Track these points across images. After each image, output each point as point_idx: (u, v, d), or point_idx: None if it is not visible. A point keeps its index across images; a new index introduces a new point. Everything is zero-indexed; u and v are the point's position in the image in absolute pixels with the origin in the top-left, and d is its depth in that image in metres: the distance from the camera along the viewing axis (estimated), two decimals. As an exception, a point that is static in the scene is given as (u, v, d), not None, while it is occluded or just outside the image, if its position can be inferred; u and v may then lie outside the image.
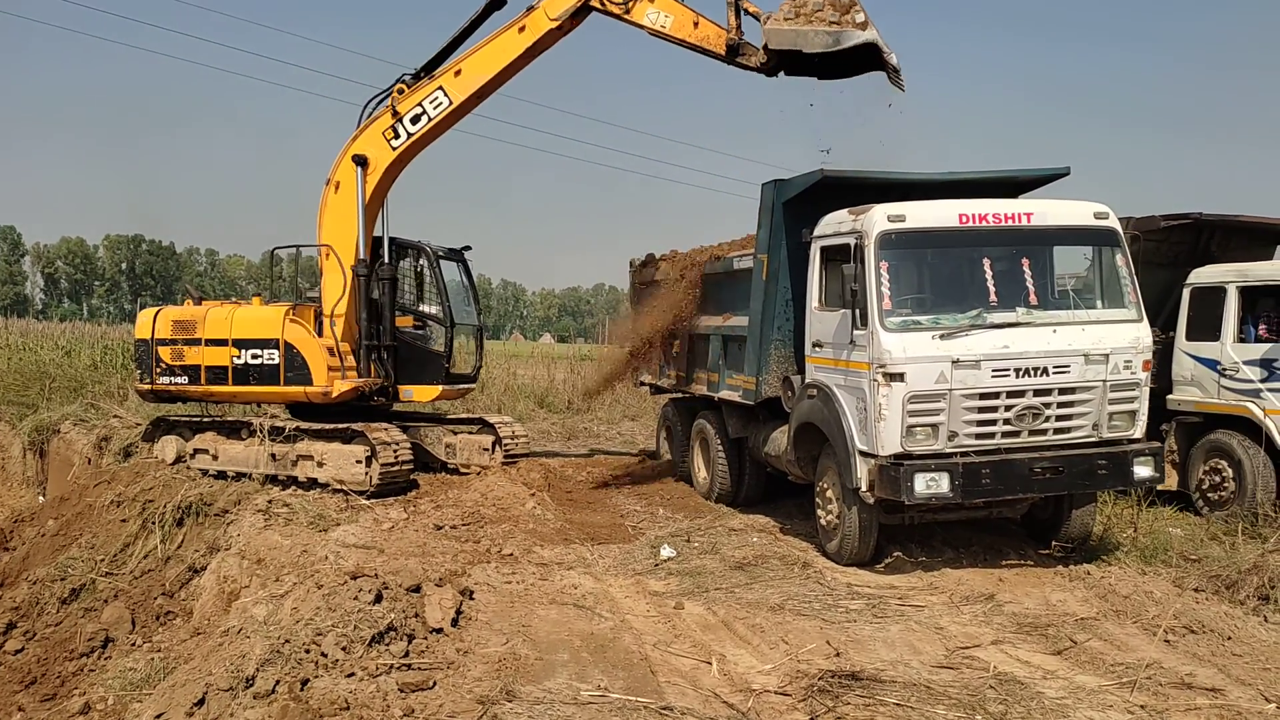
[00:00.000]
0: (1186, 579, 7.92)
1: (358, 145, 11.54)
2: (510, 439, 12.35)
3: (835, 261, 8.43)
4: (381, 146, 11.44)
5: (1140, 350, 8.14)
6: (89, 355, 21.90)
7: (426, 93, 11.23)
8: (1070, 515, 8.71)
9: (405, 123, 11.26)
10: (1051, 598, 7.57)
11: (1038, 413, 7.92)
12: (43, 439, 15.80)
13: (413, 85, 11.35)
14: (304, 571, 7.54)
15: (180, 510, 10.88)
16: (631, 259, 14.36)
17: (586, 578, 8.06)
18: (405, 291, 12.45)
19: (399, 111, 11.29)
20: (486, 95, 11.40)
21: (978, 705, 5.44)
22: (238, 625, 6.70)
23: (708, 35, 10.54)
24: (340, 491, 10.75)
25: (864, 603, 7.40)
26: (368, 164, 11.43)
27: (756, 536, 9.43)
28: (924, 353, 7.72)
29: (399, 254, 12.19)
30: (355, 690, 5.36)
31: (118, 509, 11.28)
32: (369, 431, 10.82)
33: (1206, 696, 5.66)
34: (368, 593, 6.42)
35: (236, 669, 5.75)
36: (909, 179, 9.37)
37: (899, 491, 7.67)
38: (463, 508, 10.21)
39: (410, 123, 11.26)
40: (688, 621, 7.00)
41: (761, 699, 5.56)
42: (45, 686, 8.36)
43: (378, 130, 11.47)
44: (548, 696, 5.46)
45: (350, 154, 11.49)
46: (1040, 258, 8.40)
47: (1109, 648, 6.49)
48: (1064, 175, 9.57)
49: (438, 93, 11.18)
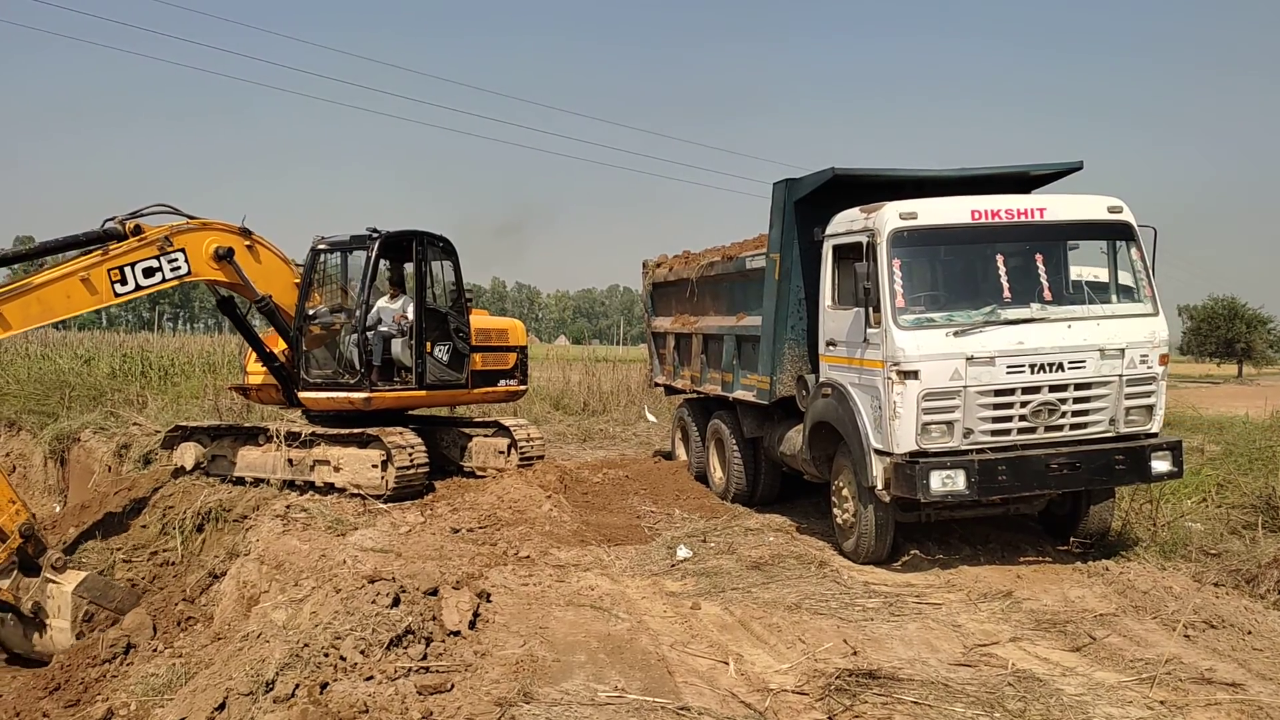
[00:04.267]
0: (1206, 574, 7.87)
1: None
2: (526, 441, 12.37)
3: (848, 260, 8.42)
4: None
5: (1156, 344, 8.09)
6: (108, 363, 22.07)
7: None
8: (1088, 511, 8.67)
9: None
10: (1070, 594, 7.53)
11: (1054, 409, 7.88)
12: (63, 447, 15.93)
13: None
14: (322, 576, 7.58)
15: (200, 516, 10.99)
16: (644, 260, 14.39)
17: (603, 579, 8.07)
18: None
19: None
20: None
21: (996, 703, 5.42)
22: (257, 630, 6.74)
23: None
24: (357, 496, 10.80)
25: (881, 601, 7.39)
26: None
27: (773, 536, 9.43)
28: (938, 350, 7.70)
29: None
30: (374, 693, 5.38)
31: (138, 515, 11.38)
32: (384, 435, 10.86)
33: (1227, 691, 5.62)
34: (385, 596, 6.45)
35: (257, 673, 5.79)
36: (920, 176, 9.35)
37: (915, 489, 7.65)
38: (479, 510, 10.24)
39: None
40: (704, 622, 7.00)
41: (779, 698, 5.56)
42: (69, 692, 8.41)
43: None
44: (565, 698, 5.47)
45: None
46: (1054, 253, 8.36)
47: (1128, 644, 6.45)
48: (1077, 169, 9.50)
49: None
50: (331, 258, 11.89)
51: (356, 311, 11.33)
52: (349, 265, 11.86)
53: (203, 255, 10.51)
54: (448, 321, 11.95)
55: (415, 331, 11.53)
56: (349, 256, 11.82)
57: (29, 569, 9.37)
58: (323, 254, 11.79)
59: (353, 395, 11.22)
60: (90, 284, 9.60)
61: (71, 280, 9.53)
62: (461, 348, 12.07)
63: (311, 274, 11.67)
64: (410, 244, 11.74)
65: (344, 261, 11.91)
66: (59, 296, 9.49)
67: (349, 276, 11.90)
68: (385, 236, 11.42)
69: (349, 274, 11.89)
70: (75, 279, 9.55)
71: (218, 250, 10.60)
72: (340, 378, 11.39)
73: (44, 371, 20.59)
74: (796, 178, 9.20)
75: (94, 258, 9.67)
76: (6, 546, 9.15)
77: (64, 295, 9.51)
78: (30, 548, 9.31)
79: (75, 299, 9.59)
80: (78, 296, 9.58)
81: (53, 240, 10.07)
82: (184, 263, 10.32)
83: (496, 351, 12.79)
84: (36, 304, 9.37)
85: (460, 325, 12.07)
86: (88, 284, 9.59)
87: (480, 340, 12.45)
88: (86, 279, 9.58)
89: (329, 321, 11.58)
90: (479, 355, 12.40)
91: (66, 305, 9.61)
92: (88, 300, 9.67)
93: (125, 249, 9.86)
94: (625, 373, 26.45)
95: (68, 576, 9.51)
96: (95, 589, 9.57)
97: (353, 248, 11.67)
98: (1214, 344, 64.00)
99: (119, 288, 9.80)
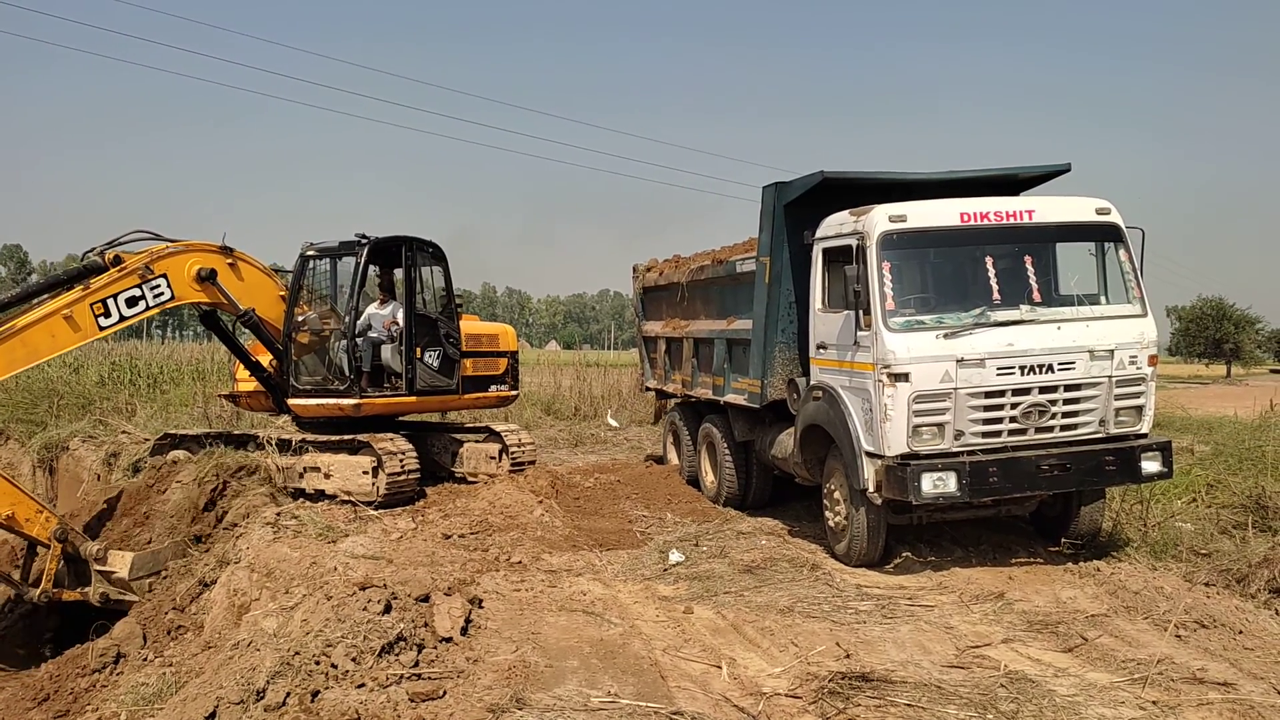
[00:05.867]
0: (1197, 574, 7.89)
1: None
2: (517, 447, 12.33)
3: (838, 263, 8.43)
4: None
5: (1145, 345, 8.13)
6: (96, 371, 21.96)
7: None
8: (1079, 512, 8.69)
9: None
10: (1062, 595, 7.54)
11: (1044, 410, 7.90)
12: (52, 456, 15.83)
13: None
14: (313, 583, 7.54)
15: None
16: (635, 265, 14.39)
17: (595, 584, 8.06)
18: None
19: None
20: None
21: (989, 704, 5.42)
22: (248, 638, 6.70)
23: None
24: (348, 502, 10.76)
25: (873, 603, 7.39)
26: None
27: (765, 539, 9.43)
28: (928, 352, 7.71)
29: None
30: (366, 701, 5.35)
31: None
32: (375, 442, 10.83)
33: (1218, 691, 5.63)
34: (377, 603, 6.42)
35: (247, 682, 5.75)
36: (909, 179, 9.37)
37: (906, 492, 7.66)
38: (471, 516, 10.21)
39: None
40: (697, 626, 6.99)
41: (772, 702, 5.55)
42: (58, 703, 8.36)
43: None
44: (558, 704, 5.46)
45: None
46: (1043, 255, 8.40)
47: (1120, 644, 6.47)
48: (1065, 172, 9.54)
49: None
50: (320, 264, 11.85)
51: (346, 318, 11.30)
52: (338, 272, 11.83)
53: (185, 278, 10.43)
54: (438, 327, 11.92)
55: (405, 337, 11.51)
56: (338, 263, 11.79)
57: (74, 561, 9.70)
58: (311, 260, 11.75)
59: (342, 402, 11.18)
60: (74, 321, 9.48)
61: (54, 319, 9.40)
62: (452, 353, 12.04)
63: (300, 281, 11.63)
64: (400, 250, 11.71)
65: (333, 268, 11.87)
66: (43, 337, 9.37)
67: (338, 283, 11.87)
68: (374, 242, 11.38)
69: (338, 280, 11.86)
70: (58, 317, 9.42)
71: (200, 272, 10.51)
72: (330, 384, 11.35)
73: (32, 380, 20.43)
74: (786, 181, 9.23)
75: (75, 294, 9.57)
76: (53, 556, 9.36)
77: (48, 335, 9.40)
78: (69, 548, 9.56)
79: (60, 338, 9.48)
80: (62, 335, 9.47)
81: (34, 284, 10.10)
82: (166, 288, 10.22)
83: (487, 357, 12.77)
84: (21, 347, 9.25)
85: (450, 331, 12.05)
86: (70, 321, 9.46)
87: (471, 345, 12.43)
88: (69, 316, 9.46)
89: (318, 328, 11.54)
90: (470, 360, 12.38)
91: (51, 345, 9.49)
92: (72, 338, 9.57)
93: (106, 281, 9.75)
94: (616, 377, 26.43)
95: (116, 560, 9.73)
96: (145, 563, 9.85)
97: (341, 254, 11.64)
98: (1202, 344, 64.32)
99: (103, 320, 9.71)
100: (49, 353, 9.69)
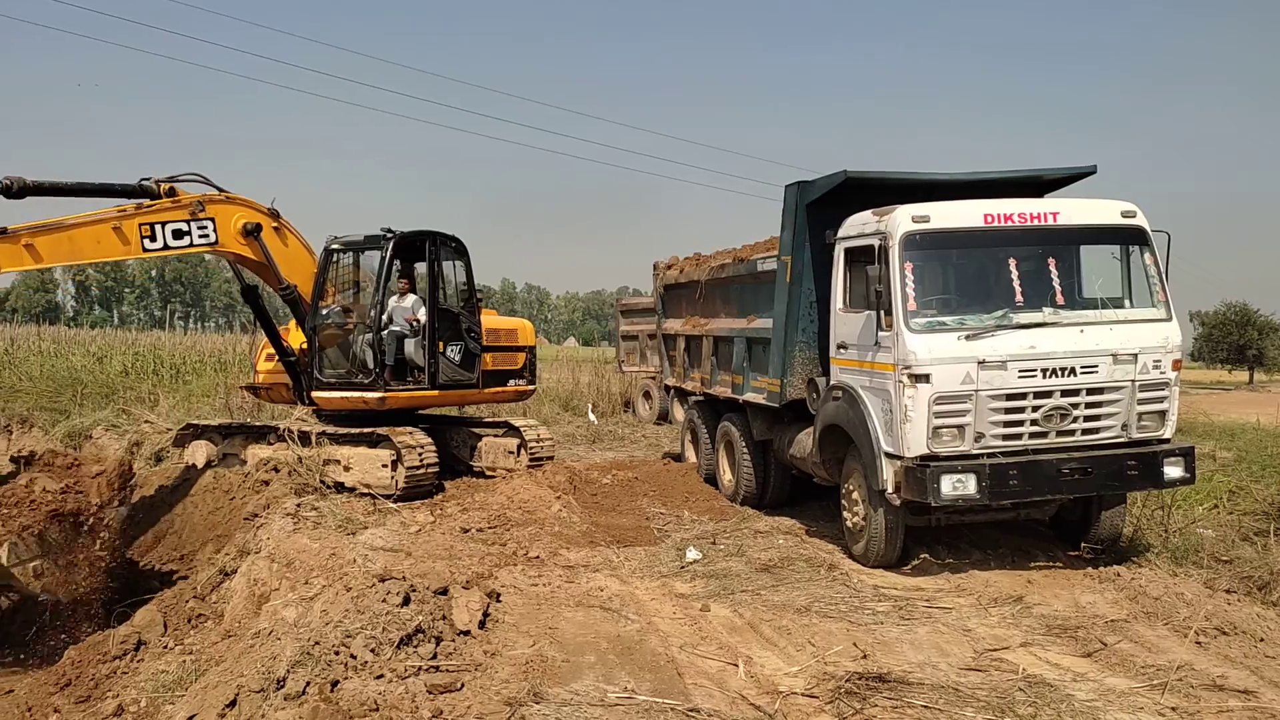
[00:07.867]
0: (1218, 580, 7.82)
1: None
2: (535, 442, 12.39)
3: (859, 263, 8.41)
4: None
5: (1170, 350, 8.07)
6: (120, 361, 22.20)
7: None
8: (1100, 517, 8.64)
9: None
10: (1081, 600, 7.50)
11: (1065, 413, 7.86)
12: (75, 445, 16.00)
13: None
14: (333, 574, 7.58)
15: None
16: (655, 262, 14.42)
17: (613, 580, 8.08)
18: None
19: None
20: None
21: (1007, 708, 5.41)
22: (268, 627, 6.74)
23: None
24: (367, 495, 10.83)
25: (891, 604, 7.37)
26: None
27: (782, 538, 9.43)
28: (950, 354, 7.68)
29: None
30: (384, 692, 5.39)
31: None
32: (394, 435, 10.89)
33: (1239, 699, 5.59)
34: (396, 595, 6.46)
35: (267, 670, 5.79)
36: (933, 179, 9.33)
37: (925, 493, 7.64)
38: (489, 511, 10.26)
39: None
40: (714, 623, 7.00)
41: (788, 701, 5.55)
42: (79, 689, 8.42)
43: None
44: (575, 698, 5.48)
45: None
46: (1067, 257, 8.35)
47: (1139, 650, 6.43)
48: (1090, 174, 9.49)
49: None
50: (345, 257, 11.93)
51: (370, 311, 11.37)
52: (361, 265, 11.90)
53: (231, 228, 10.68)
54: (459, 321, 11.98)
55: (428, 331, 11.57)
56: (362, 256, 11.86)
57: None
58: (336, 254, 11.83)
59: (367, 395, 11.25)
60: (122, 234, 9.80)
61: (104, 227, 9.71)
62: (473, 347, 12.10)
63: (325, 274, 11.72)
64: (423, 244, 11.78)
65: (356, 261, 11.95)
66: (89, 240, 9.64)
67: (361, 276, 11.95)
68: (399, 236, 11.46)
69: (361, 273, 11.94)
70: (108, 226, 9.74)
71: (246, 225, 10.77)
72: (354, 377, 11.43)
73: (56, 369, 20.71)
74: (809, 180, 9.21)
75: (129, 209, 9.88)
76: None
77: (94, 240, 9.68)
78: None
79: (105, 245, 9.77)
80: (107, 243, 9.76)
81: (89, 182, 10.16)
82: (212, 231, 10.49)
83: (506, 351, 12.83)
84: (68, 242, 9.52)
85: (471, 325, 12.10)
86: (119, 233, 9.78)
87: (490, 340, 12.49)
88: (119, 228, 9.79)
89: (342, 321, 11.62)
90: (489, 355, 12.44)
91: (95, 250, 9.79)
92: (117, 249, 9.85)
93: (159, 207, 10.06)
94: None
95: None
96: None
97: (366, 248, 11.71)
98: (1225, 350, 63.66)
99: (148, 243, 10.00)
100: (91, 257, 9.93)
